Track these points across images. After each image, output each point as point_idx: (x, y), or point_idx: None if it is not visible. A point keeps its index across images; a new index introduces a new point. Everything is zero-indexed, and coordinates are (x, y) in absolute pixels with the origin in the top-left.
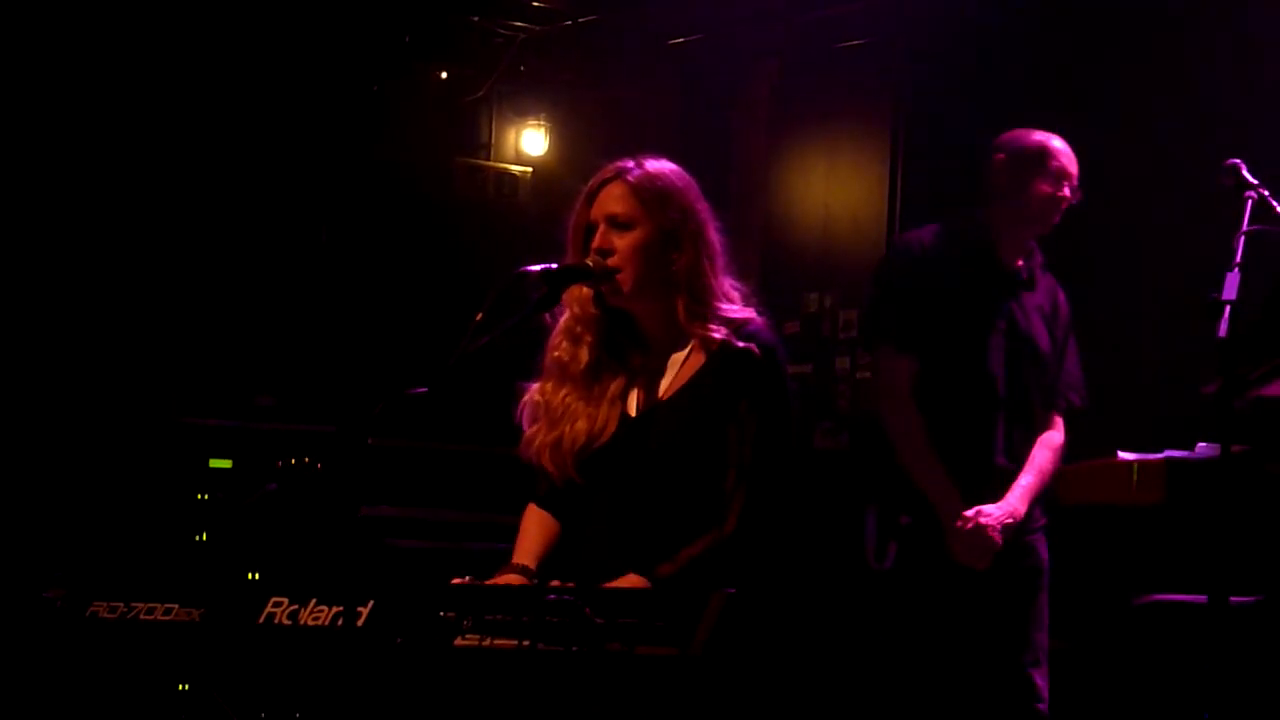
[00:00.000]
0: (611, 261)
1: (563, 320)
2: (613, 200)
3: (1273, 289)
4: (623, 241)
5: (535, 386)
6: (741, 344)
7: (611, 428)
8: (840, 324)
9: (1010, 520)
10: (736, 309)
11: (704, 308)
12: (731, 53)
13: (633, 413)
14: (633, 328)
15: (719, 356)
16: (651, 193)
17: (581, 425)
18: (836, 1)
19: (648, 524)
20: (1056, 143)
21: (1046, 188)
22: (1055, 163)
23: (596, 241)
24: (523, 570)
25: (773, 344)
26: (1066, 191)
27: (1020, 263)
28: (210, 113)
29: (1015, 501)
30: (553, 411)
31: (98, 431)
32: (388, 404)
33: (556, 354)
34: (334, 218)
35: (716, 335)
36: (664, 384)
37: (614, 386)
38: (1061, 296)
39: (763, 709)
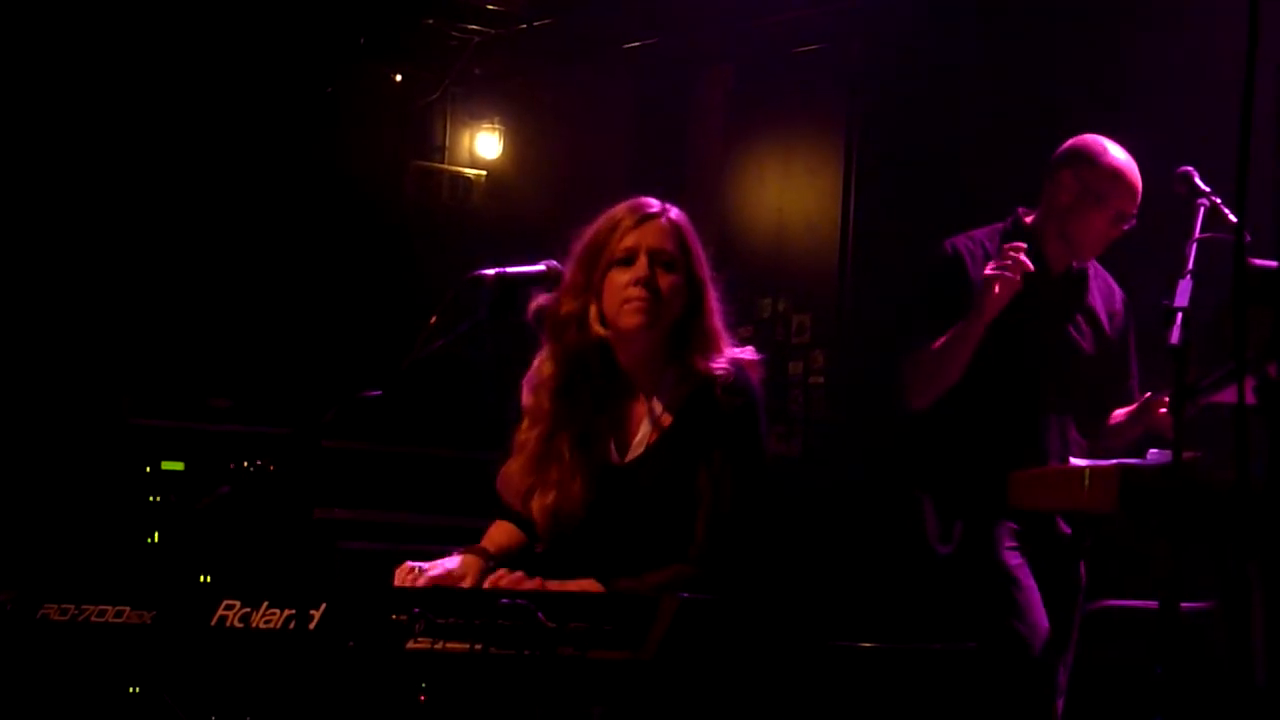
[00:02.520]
0: (660, 298)
1: (544, 364)
2: (660, 235)
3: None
4: (666, 280)
5: (523, 433)
6: (721, 395)
7: (596, 482)
8: (793, 328)
9: None
10: (733, 349)
11: (707, 352)
12: (686, 57)
13: (615, 460)
14: (613, 370)
15: (698, 406)
16: (689, 238)
17: (576, 488)
18: (791, 6)
19: (628, 573)
20: (1126, 173)
21: (1101, 224)
22: (1118, 200)
23: (642, 272)
24: (480, 552)
25: (750, 392)
26: (1122, 228)
27: (1063, 267)
28: (163, 114)
29: None
30: (544, 467)
31: (50, 432)
32: (341, 407)
33: (540, 399)
34: (287, 219)
35: (698, 381)
36: (643, 432)
37: (596, 438)
38: (1119, 295)
39: (715, 713)
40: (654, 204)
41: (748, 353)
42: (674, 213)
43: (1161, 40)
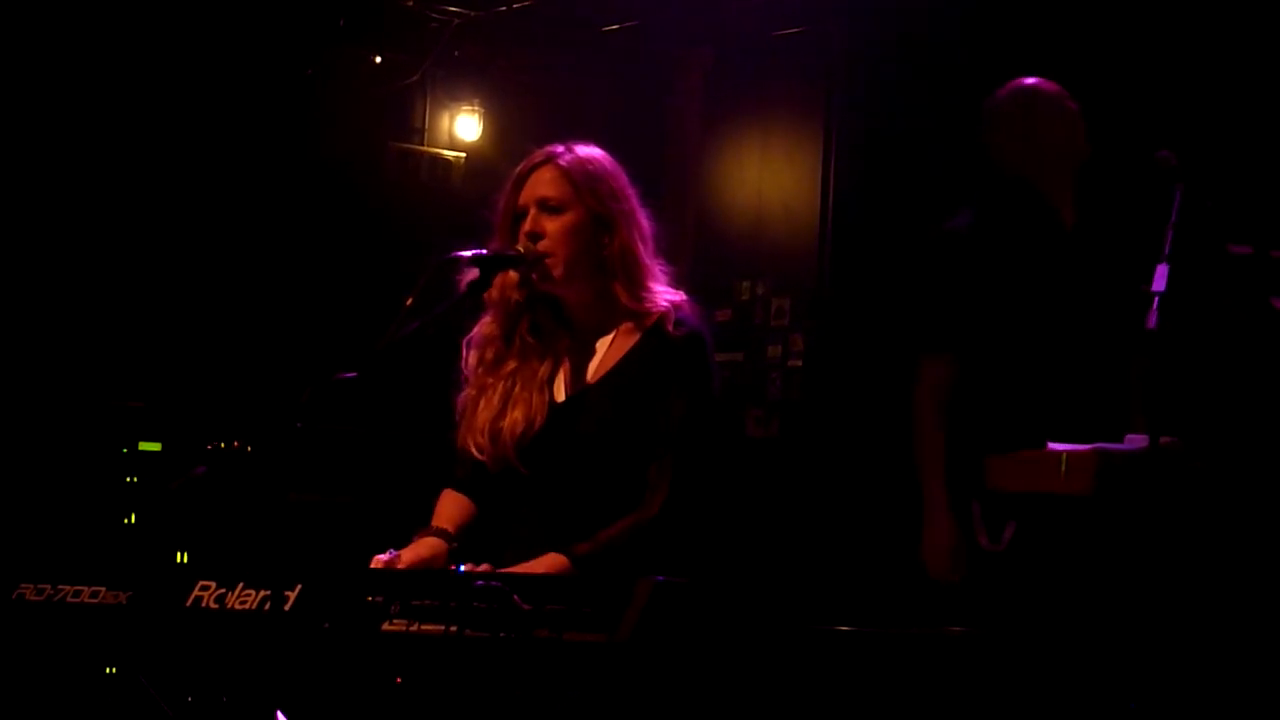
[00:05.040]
0: (542, 245)
1: (490, 307)
2: (543, 184)
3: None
4: (553, 225)
5: (470, 378)
6: (671, 330)
7: (542, 414)
8: (772, 311)
9: None
10: (667, 291)
11: (639, 288)
12: (666, 40)
13: (561, 397)
14: (560, 311)
15: (648, 341)
16: (583, 176)
17: (519, 413)
18: None
19: (577, 506)
20: (1028, 86)
21: (1060, 120)
22: (1049, 95)
23: (527, 225)
24: (440, 533)
25: (701, 330)
26: (1071, 105)
27: (1073, 212)
28: (141, 99)
29: None
30: (489, 400)
31: (26, 413)
32: (317, 389)
33: (483, 341)
34: (266, 202)
35: (648, 319)
36: (591, 366)
37: (542, 371)
38: (1119, 233)
39: (691, 695)
40: (541, 153)
41: (680, 296)
42: (565, 156)
43: (1143, 21)
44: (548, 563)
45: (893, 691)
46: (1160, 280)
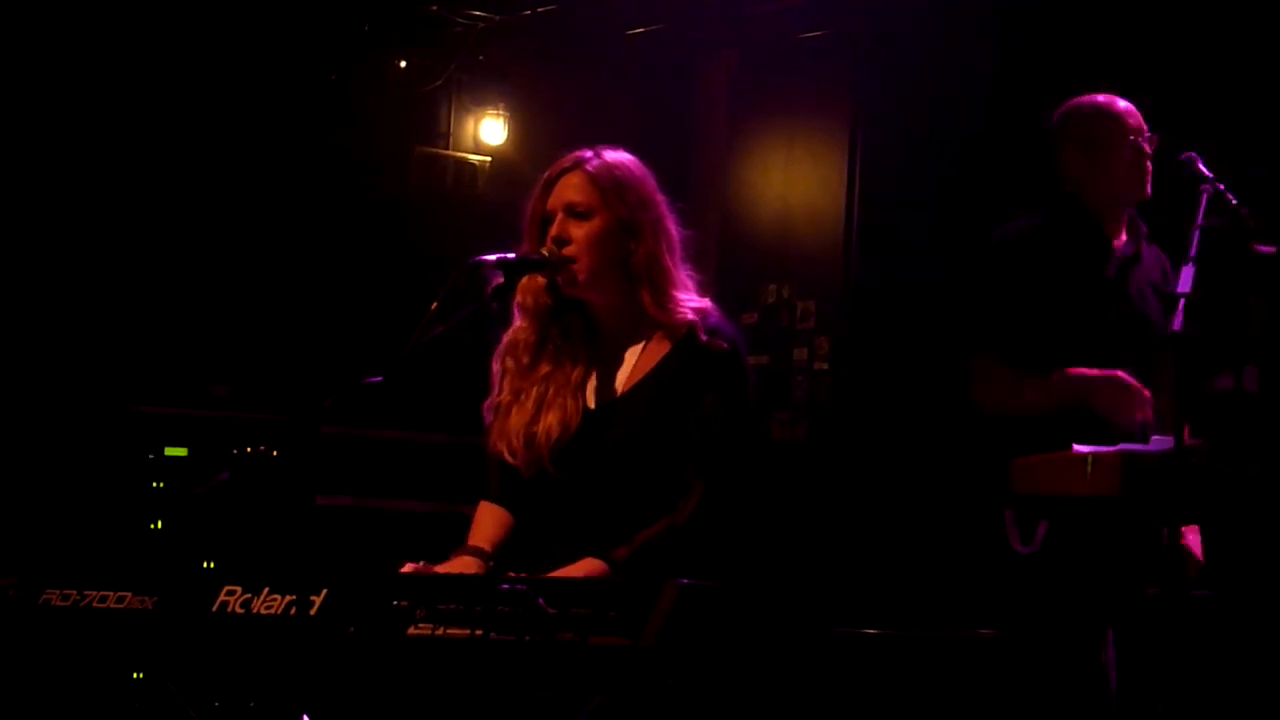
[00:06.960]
0: (568, 250)
1: (518, 313)
2: (571, 189)
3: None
4: (580, 230)
5: (499, 382)
6: (706, 338)
7: (576, 419)
8: (798, 314)
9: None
10: (694, 299)
11: (665, 297)
12: (690, 44)
13: (592, 404)
14: (589, 317)
15: (683, 349)
16: (610, 182)
17: (553, 417)
18: None
19: (611, 513)
20: (1108, 103)
21: (1128, 157)
22: (1119, 128)
23: (554, 230)
24: (476, 552)
25: (736, 337)
26: (1146, 145)
27: (1125, 237)
28: (166, 101)
29: None
30: (522, 404)
31: (52, 419)
32: (342, 393)
33: (515, 347)
34: (291, 206)
35: (680, 327)
36: (623, 374)
37: (574, 377)
38: (1168, 266)
39: (716, 699)
40: (570, 159)
41: (706, 303)
42: (593, 162)
43: (1165, 26)
44: (585, 568)
45: (921, 695)
46: (1186, 282)
